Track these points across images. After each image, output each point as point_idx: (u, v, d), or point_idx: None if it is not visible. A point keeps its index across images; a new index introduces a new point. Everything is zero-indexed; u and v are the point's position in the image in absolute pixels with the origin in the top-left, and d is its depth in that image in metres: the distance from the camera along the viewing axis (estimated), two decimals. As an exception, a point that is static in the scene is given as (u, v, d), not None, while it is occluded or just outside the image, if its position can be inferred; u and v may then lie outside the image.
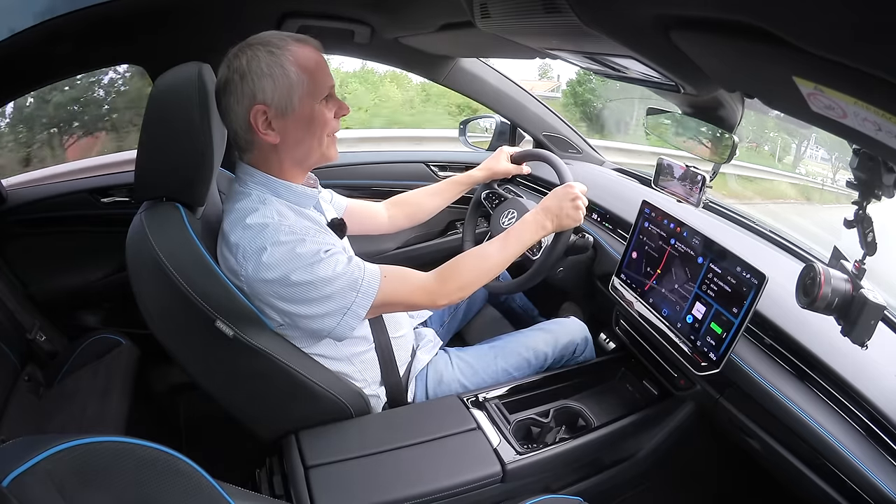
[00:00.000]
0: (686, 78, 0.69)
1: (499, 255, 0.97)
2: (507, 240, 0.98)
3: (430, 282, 0.91)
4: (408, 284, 0.89)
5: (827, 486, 0.78)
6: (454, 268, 0.92)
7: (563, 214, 1.02)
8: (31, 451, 0.40)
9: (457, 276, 0.92)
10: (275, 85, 0.79)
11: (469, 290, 0.94)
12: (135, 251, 0.83)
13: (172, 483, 0.50)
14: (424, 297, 0.90)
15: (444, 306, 0.95)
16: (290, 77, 0.80)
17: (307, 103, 0.82)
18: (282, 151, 0.84)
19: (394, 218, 1.23)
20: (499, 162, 1.26)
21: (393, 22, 1.23)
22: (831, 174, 4.49)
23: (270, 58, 0.79)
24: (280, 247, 0.79)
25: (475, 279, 0.94)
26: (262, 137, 0.82)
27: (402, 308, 0.93)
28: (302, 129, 0.83)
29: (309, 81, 0.81)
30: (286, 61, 0.80)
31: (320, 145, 0.86)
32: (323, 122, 0.85)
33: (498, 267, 0.97)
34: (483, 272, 0.95)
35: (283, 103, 0.80)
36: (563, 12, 0.57)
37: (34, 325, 1.35)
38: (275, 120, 0.81)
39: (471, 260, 0.95)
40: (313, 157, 0.87)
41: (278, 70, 0.79)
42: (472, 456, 0.91)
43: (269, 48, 0.80)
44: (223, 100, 0.82)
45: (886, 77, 0.31)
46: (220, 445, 1.05)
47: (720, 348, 0.89)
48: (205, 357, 0.87)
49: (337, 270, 0.81)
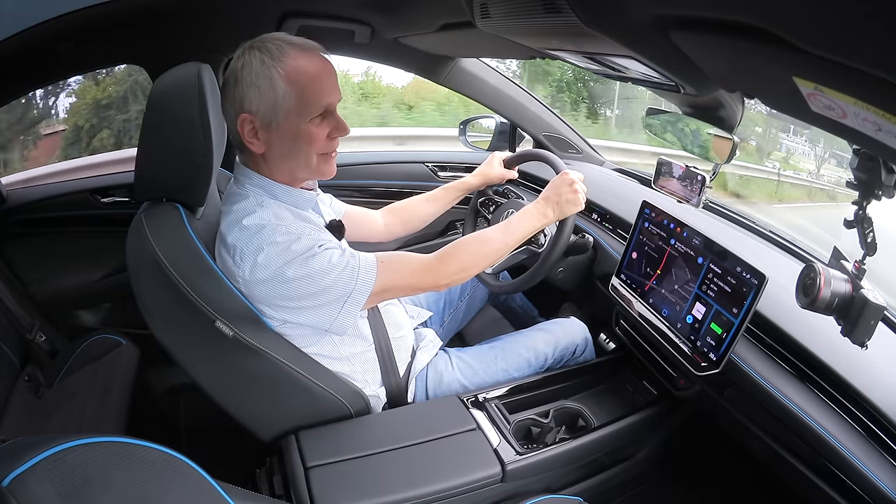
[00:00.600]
0: (686, 78, 0.69)
1: (500, 239, 0.96)
2: (508, 226, 0.99)
3: (431, 261, 0.90)
4: (406, 266, 0.88)
5: (827, 486, 0.78)
6: (455, 249, 0.92)
7: (562, 201, 1.02)
8: (31, 451, 0.40)
9: (458, 256, 0.91)
10: (260, 97, 0.78)
11: (470, 271, 0.93)
12: (134, 251, 0.83)
13: (172, 483, 0.50)
14: (425, 277, 0.89)
15: (445, 287, 0.93)
16: (276, 91, 0.77)
17: (292, 120, 0.79)
18: (269, 160, 0.84)
19: (390, 226, 1.23)
20: (492, 167, 1.26)
21: (393, 22, 1.23)
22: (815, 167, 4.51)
23: (261, 67, 0.77)
24: (276, 246, 0.78)
25: (476, 261, 0.93)
26: (248, 145, 0.81)
27: (404, 292, 0.91)
28: (287, 145, 0.82)
29: (297, 98, 0.78)
30: (276, 74, 0.77)
31: (308, 164, 0.84)
32: (309, 142, 0.82)
33: (499, 251, 0.96)
34: (484, 255, 0.94)
35: (267, 116, 0.79)
36: (563, 12, 0.57)
37: (34, 325, 1.35)
38: (260, 130, 0.80)
39: (473, 242, 0.95)
40: (301, 173, 0.86)
41: (265, 83, 0.77)
42: (472, 456, 0.91)
43: (264, 56, 0.78)
44: (222, 99, 0.82)
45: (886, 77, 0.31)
46: (220, 445, 1.05)
47: (720, 349, 0.89)
48: (204, 357, 0.87)
49: (332, 261, 0.81)
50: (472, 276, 0.95)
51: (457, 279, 0.92)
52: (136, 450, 0.48)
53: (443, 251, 0.92)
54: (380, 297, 0.87)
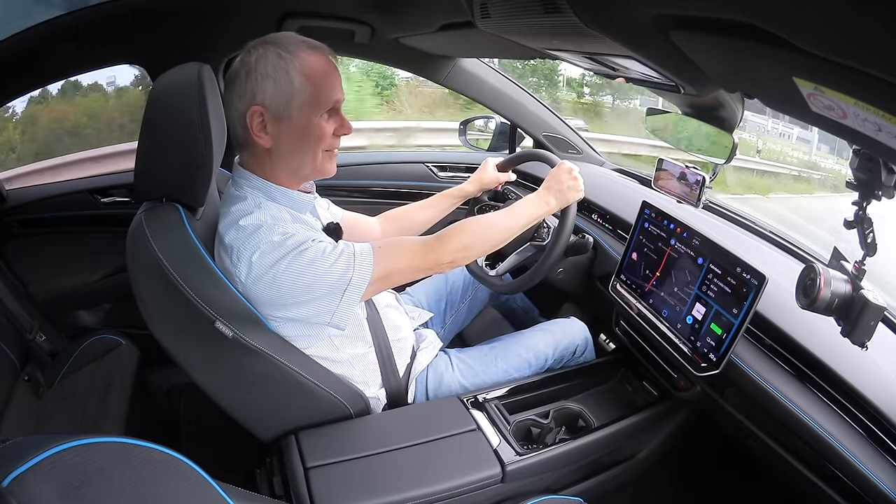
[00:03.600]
0: (686, 78, 0.69)
1: (504, 222, 0.96)
2: (512, 210, 0.99)
3: (431, 240, 0.88)
4: (405, 249, 0.87)
5: (827, 486, 0.78)
6: (457, 228, 0.91)
7: (564, 188, 1.02)
8: (31, 451, 0.40)
9: (460, 235, 0.90)
10: (276, 88, 0.79)
11: (472, 251, 0.91)
12: (134, 252, 0.83)
13: (172, 483, 0.50)
14: (427, 256, 0.87)
15: (448, 267, 0.91)
16: (292, 84, 0.80)
17: (305, 114, 0.81)
18: (274, 156, 0.84)
19: (387, 233, 1.22)
20: (486, 172, 1.25)
21: (393, 22, 1.23)
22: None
23: (278, 60, 0.79)
24: (271, 245, 0.79)
25: (479, 241, 0.92)
26: (256, 139, 0.82)
27: (406, 275, 0.87)
28: (296, 139, 0.83)
29: (311, 92, 0.81)
30: (292, 67, 0.80)
31: (314, 160, 0.85)
32: (319, 137, 0.84)
33: (502, 234, 0.95)
34: (487, 236, 0.93)
35: (280, 109, 0.80)
36: (563, 12, 0.57)
37: (34, 325, 1.35)
38: (270, 124, 0.81)
39: (475, 223, 0.94)
40: (305, 169, 0.87)
41: (282, 74, 0.79)
42: (472, 457, 0.91)
43: (279, 50, 0.80)
44: (227, 93, 0.82)
45: (886, 77, 0.31)
46: (220, 445, 1.05)
47: (720, 349, 0.89)
48: (204, 357, 0.87)
49: (326, 252, 0.80)
50: (473, 257, 0.93)
51: (460, 257, 0.90)
52: (135, 450, 0.48)
53: (444, 230, 0.90)
54: (381, 285, 0.85)
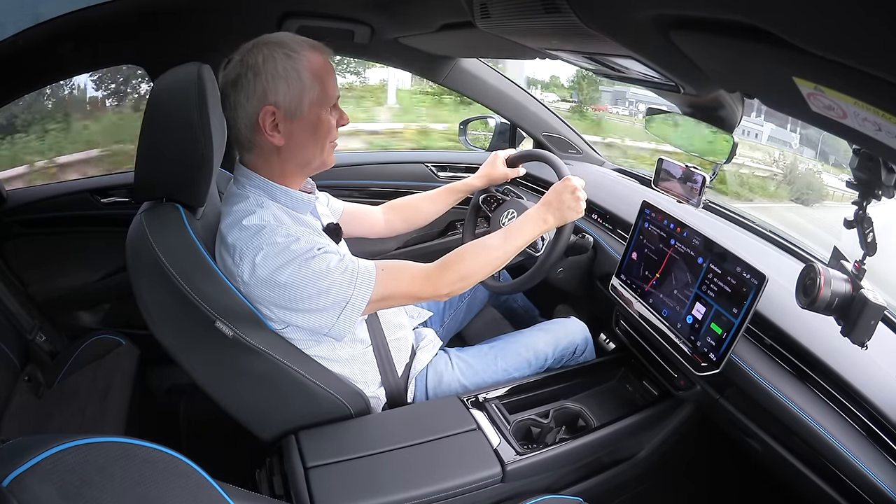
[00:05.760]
0: (686, 78, 0.69)
1: (501, 246, 0.96)
2: (508, 233, 0.98)
3: (432, 270, 0.90)
4: (406, 275, 0.88)
5: (827, 486, 0.78)
6: (456, 257, 0.92)
7: (564, 207, 1.02)
8: (31, 451, 0.40)
9: (459, 265, 0.91)
10: (288, 88, 0.81)
11: (471, 280, 0.93)
12: (135, 252, 0.83)
13: (172, 483, 0.50)
14: (425, 286, 0.89)
15: (446, 297, 0.93)
16: (303, 82, 0.81)
17: (315, 110, 0.84)
18: (284, 154, 0.85)
19: (390, 222, 1.23)
20: (495, 167, 1.25)
21: (393, 22, 1.23)
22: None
23: (287, 61, 0.81)
24: (275, 247, 0.79)
25: (477, 269, 0.93)
26: (268, 138, 0.82)
27: (404, 300, 0.91)
28: (307, 134, 0.85)
29: (320, 89, 0.83)
30: (302, 67, 0.81)
31: (322, 152, 0.88)
32: (327, 130, 0.86)
33: (500, 259, 0.96)
34: (485, 263, 0.94)
35: (292, 107, 0.82)
36: (563, 12, 0.57)
37: (34, 326, 1.35)
38: (282, 122, 0.82)
39: (473, 250, 0.94)
40: (314, 162, 0.88)
41: (294, 74, 0.81)
42: (472, 456, 0.91)
43: (286, 50, 0.81)
44: (232, 95, 0.82)
45: (886, 77, 0.31)
46: (220, 445, 1.05)
47: (720, 349, 0.89)
48: (204, 357, 0.87)
49: (330, 265, 0.81)
50: (472, 285, 0.95)
51: (457, 288, 0.92)
52: (136, 450, 0.48)
53: (443, 259, 0.92)
54: (379, 305, 0.88)
